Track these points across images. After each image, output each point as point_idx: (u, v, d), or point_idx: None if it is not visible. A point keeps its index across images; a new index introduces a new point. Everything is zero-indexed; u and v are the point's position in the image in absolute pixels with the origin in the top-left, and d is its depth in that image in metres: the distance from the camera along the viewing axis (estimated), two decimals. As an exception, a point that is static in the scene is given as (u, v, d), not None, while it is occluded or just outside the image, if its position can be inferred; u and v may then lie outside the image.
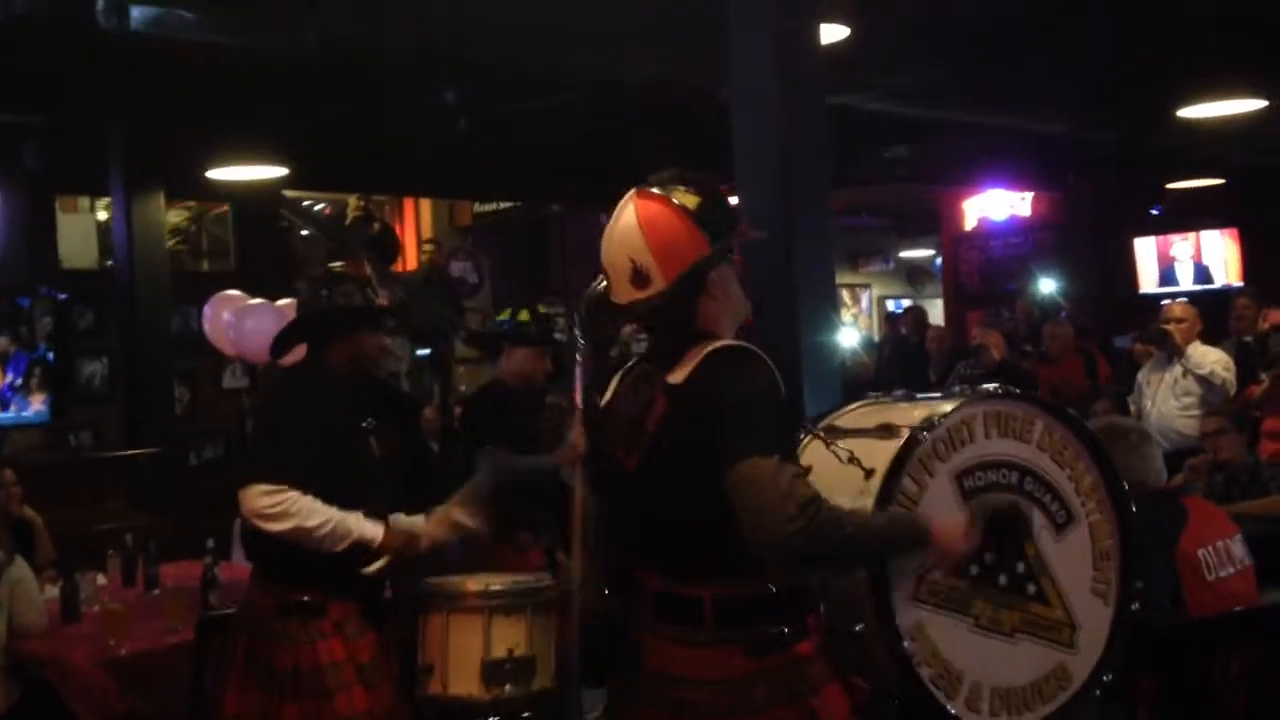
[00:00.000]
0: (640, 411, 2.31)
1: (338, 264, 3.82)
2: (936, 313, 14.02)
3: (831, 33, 4.94)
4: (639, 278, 2.30)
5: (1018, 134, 8.82)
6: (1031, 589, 2.61)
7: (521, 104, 6.87)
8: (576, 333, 2.63)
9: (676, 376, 2.28)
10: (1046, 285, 11.80)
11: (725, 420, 2.19)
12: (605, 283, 2.39)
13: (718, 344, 2.28)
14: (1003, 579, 2.59)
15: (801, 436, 2.58)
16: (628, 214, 2.33)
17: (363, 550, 3.29)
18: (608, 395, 2.43)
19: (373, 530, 3.28)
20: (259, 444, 3.54)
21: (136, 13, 4.15)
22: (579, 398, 2.43)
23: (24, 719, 4.27)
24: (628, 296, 2.33)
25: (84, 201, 10.24)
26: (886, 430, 2.59)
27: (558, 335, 4.90)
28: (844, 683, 2.33)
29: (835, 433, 2.69)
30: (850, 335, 9.29)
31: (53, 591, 5.00)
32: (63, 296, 7.34)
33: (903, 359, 9.81)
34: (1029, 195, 12.98)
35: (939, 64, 6.27)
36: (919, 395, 2.89)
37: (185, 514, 6.75)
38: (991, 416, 2.65)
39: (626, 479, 2.34)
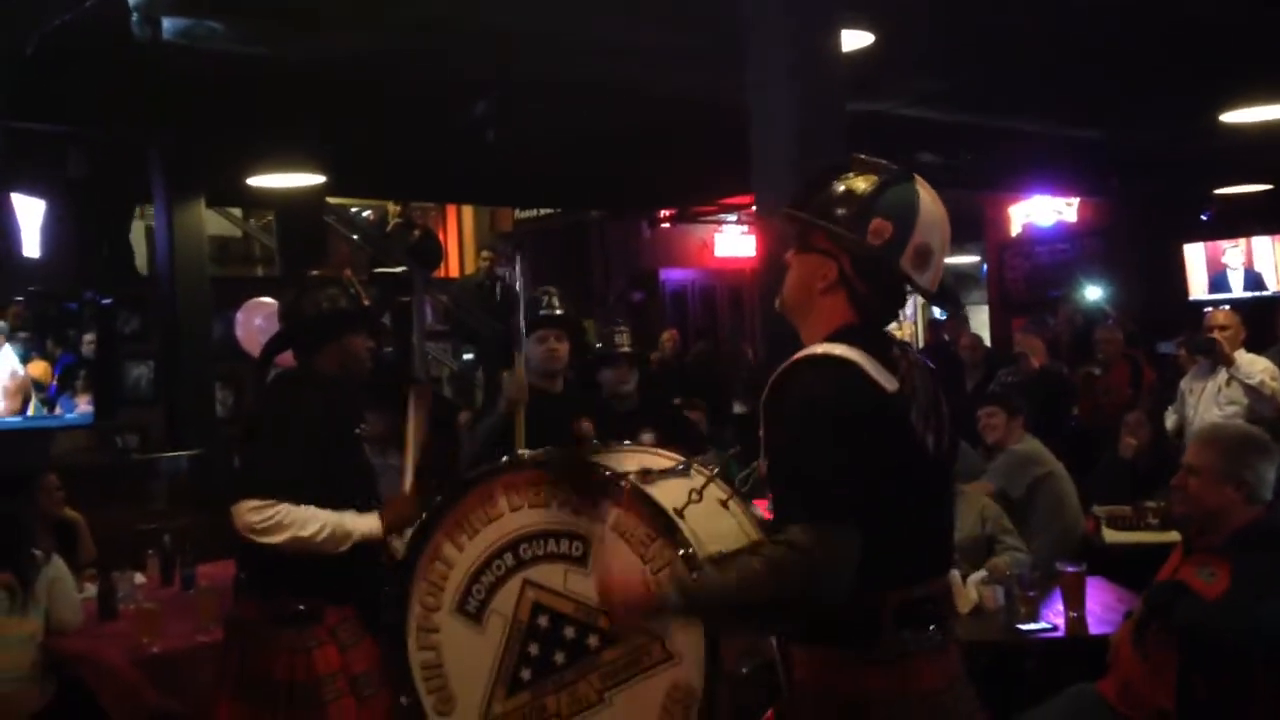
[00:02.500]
0: (933, 390, 2.22)
1: (318, 271, 3.73)
2: (982, 320, 13.89)
3: (855, 39, 4.93)
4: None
5: (1056, 139, 8.72)
6: (594, 640, 2.40)
7: (552, 114, 6.90)
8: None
9: (918, 357, 2.27)
10: (1093, 292, 11.66)
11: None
12: (923, 267, 2.20)
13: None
14: (559, 656, 2.42)
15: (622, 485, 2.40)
16: (940, 202, 2.25)
17: (372, 548, 3.30)
18: (885, 377, 2.11)
19: (370, 524, 3.30)
20: (249, 458, 3.44)
21: (168, 24, 4.24)
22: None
23: (59, 715, 4.37)
24: (934, 284, 2.24)
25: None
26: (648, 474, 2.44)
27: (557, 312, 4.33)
28: None
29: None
30: (887, 342, 9.20)
31: (92, 590, 5.11)
32: (107, 301, 7.49)
33: (945, 367, 9.73)
34: (1075, 201, 12.82)
35: (967, 69, 6.21)
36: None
37: (225, 514, 6.85)
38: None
39: (933, 471, 2.19)
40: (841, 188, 2.19)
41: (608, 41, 5.23)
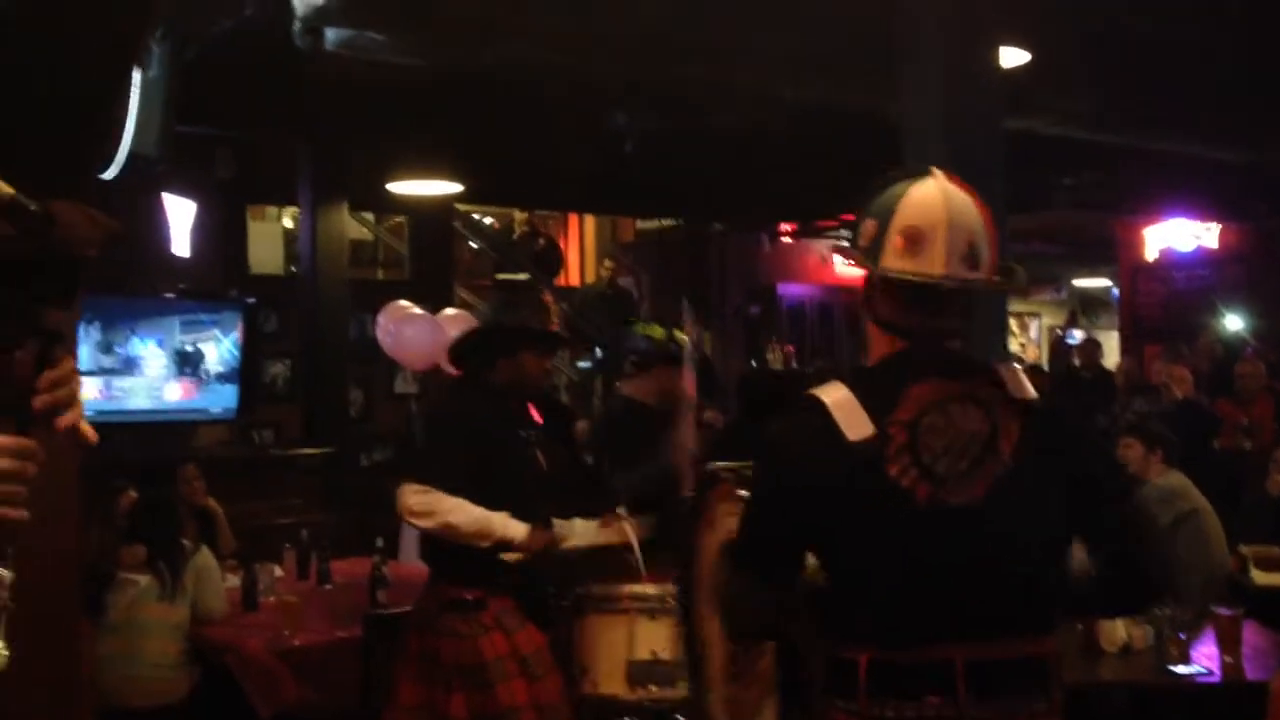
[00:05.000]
0: (986, 431, 1.95)
1: (511, 278, 4.07)
2: (1111, 344, 13.51)
3: (1011, 57, 4.84)
4: (973, 257, 2.00)
5: (1201, 161, 8.44)
6: None
7: (688, 125, 6.91)
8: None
9: (1020, 392, 2.01)
10: (1234, 321, 11.23)
11: (1097, 447, 2.28)
12: (903, 251, 1.99)
13: (1012, 363, 2.18)
14: None
15: None
16: (958, 192, 2.01)
17: (505, 547, 3.49)
18: (858, 423, 1.95)
19: (516, 530, 3.46)
20: (420, 448, 3.82)
21: (330, 34, 4.36)
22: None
23: (203, 703, 4.50)
24: (959, 273, 1.98)
25: (271, 210, 10.77)
26: None
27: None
28: None
29: None
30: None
31: (234, 580, 5.25)
32: (250, 300, 7.71)
33: (1074, 393, 9.46)
34: (1216, 226, 12.38)
35: (1122, 87, 6.04)
36: None
37: (356, 512, 7.01)
38: None
39: (954, 518, 1.93)
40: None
41: (751, 51, 5.21)
